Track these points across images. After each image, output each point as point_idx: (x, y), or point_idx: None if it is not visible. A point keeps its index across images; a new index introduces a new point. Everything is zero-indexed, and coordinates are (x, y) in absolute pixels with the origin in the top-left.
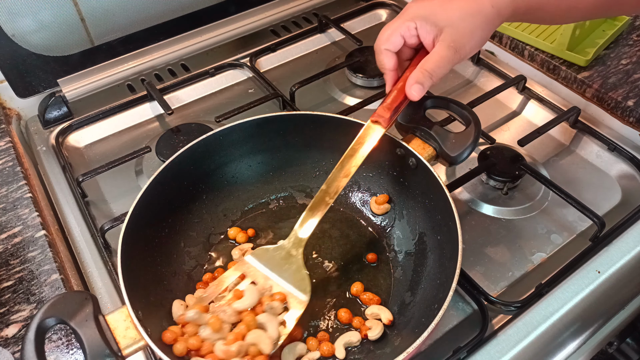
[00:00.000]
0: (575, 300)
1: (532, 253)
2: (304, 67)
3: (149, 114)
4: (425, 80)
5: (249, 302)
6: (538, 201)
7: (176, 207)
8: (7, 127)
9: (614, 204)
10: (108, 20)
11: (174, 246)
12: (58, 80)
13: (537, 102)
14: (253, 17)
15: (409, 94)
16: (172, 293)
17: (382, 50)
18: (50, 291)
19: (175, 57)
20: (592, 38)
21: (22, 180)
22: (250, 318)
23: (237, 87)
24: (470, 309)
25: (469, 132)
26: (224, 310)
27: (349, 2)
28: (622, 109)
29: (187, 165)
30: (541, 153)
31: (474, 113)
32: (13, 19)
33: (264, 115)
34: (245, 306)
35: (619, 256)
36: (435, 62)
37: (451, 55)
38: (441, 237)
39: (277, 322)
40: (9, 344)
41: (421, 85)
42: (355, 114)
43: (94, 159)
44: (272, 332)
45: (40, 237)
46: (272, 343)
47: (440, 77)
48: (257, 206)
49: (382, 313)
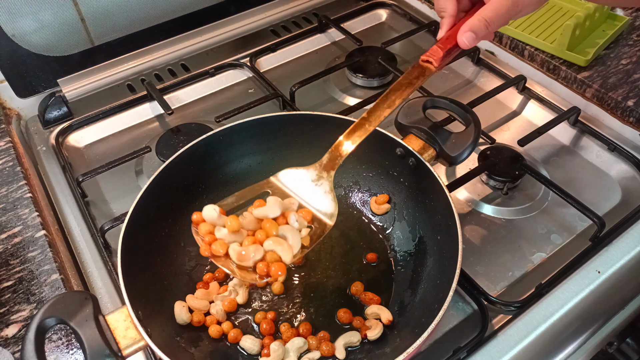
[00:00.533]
0: (575, 300)
1: (532, 253)
2: (304, 67)
3: (149, 114)
4: (480, 28)
5: (271, 211)
6: (538, 201)
7: (176, 207)
8: (7, 127)
9: (614, 204)
10: (108, 20)
11: (174, 246)
12: (58, 80)
13: (537, 102)
14: (253, 17)
15: (460, 41)
16: (173, 293)
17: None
18: (50, 291)
19: (175, 57)
20: (592, 38)
21: (22, 180)
22: (271, 226)
23: (237, 87)
24: (470, 309)
25: (469, 132)
26: (243, 216)
27: (349, 2)
28: (622, 109)
29: (187, 165)
30: (541, 153)
31: (474, 113)
32: (13, 19)
33: (264, 115)
34: (266, 214)
35: (619, 256)
36: (493, 10)
37: (510, 6)
38: (441, 237)
39: (299, 235)
40: (9, 344)
41: (474, 34)
42: (355, 114)
43: (94, 159)
44: (294, 243)
45: (40, 237)
46: (292, 253)
47: (496, 28)
48: None
49: (381, 313)
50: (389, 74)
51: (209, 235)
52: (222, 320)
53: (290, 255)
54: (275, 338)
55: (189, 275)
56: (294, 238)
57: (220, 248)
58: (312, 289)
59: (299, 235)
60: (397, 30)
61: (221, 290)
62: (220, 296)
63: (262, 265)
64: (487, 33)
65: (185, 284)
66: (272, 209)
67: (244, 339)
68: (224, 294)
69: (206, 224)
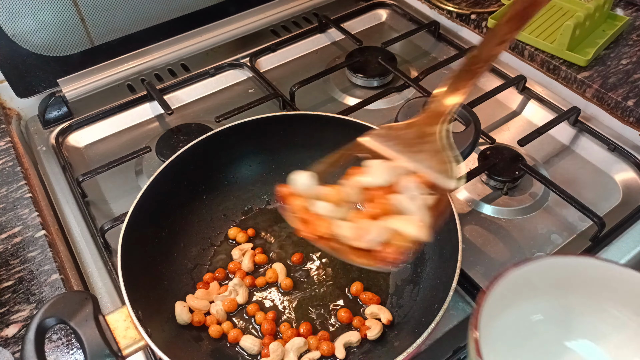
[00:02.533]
0: None
1: (532, 253)
2: (304, 67)
3: (149, 114)
4: None
5: (380, 178)
6: (538, 201)
7: (176, 207)
8: (7, 127)
9: (614, 204)
10: (108, 20)
11: (174, 246)
12: (58, 80)
13: (537, 102)
14: (253, 17)
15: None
16: (172, 293)
17: None
18: (50, 291)
19: (175, 57)
20: (592, 38)
21: (22, 180)
22: (386, 197)
23: (237, 87)
24: (470, 309)
25: (469, 132)
26: (342, 185)
27: (349, 2)
28: (622, 109)
29: (187, 165)
30: (541, 153)
31: (473, 113)
32: (13, 19)
33: (264, 115)
34: (375, 182)
35: (619, 256)
36: None
37: None
38: (441, 237)
39: (424, 205)
40: (9, 344)
41: None
42: (355, 114)
43: (94, 159)
44: (422, 216)
45: (40, 237)
46: (425, 230)
47: None
48: (257, 206)
49: (381, 313)
50: (389, 74)
51: (303, 212)
52: (222, 320)
53: (424, 232)
54: (275, 338)
55: (189, 275)
56: (420, 210)
57: (324, 227)
58: (312, 289)
59: (423, 205)
60: (397, 30)
61: (221, 290)
62: (220, 296)
63: (389, 247)
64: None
65: (185, 284)
66: (379, 175)
67: (243, 338)
68: (224, 294)
69: (300, 197)
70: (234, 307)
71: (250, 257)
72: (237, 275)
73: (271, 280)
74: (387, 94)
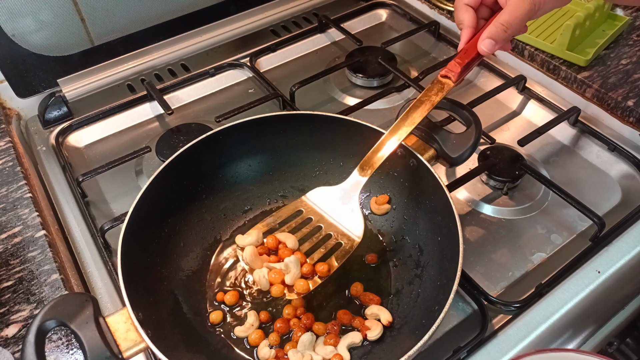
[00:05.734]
0: (575, 300)
1: (532, 253)
2: (304, 67)
3: (149, 114)
4: (499, 34)
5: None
6: (538, 201)
7: (176, 207)
8: (7, 127)
9: (614, 204)
10: (108, 20)
11: (174, 246)
12: (58, 80)
13: (537, 102)
14: (253, 17)
15: (480, 49)
16: (173, 293)
17: (461, 6)
18: (50, 291)
19: (175, 57)
20: (592, 38)
21: (22, 180)
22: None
23: (237, 87)
24: (470, 309)
25: (470, 133)
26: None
27: (349, 2)
28: (622, 109)
29: (187, 165)
30: (541, 153)
31: (474, 114)
32: (13, 19)
33: (264, 115)
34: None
35: (619, 256)
36: (509, 13)
37: (526, 7)
38: (441, 238)
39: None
40: (9, 344)
41: (493, 41)
42: (355, 114)
43: (94, 159)
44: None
45: (40, 237)
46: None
47: (515, 32)
48: (257, 206)
49: (381, 314)
50: (389, 74)
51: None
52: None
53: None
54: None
55: (189, 275)
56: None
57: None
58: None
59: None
60: (397, 30)
61: (272, 259)
62: (275, 265)
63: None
64: (506, 37)
65: (185, 284)
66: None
67: (261, 345)
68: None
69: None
70: (279, 279)
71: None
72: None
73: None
74: (387, 94)
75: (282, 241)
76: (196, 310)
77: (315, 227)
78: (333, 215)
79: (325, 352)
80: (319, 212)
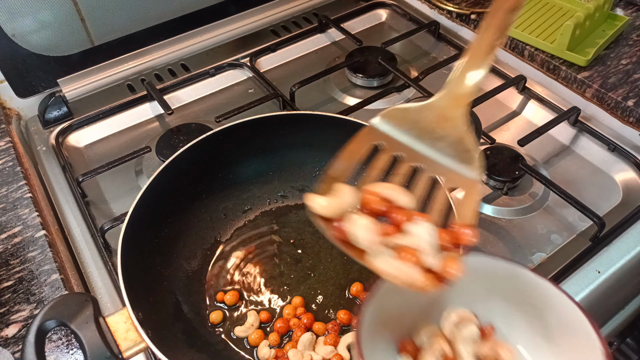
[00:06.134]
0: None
1: (532, 253)
2: (304, 67)
3: (149, 114)
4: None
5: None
6: (538, 201)
7: (176, 207)
8: (7, 127)
9: (614, 204)
10: (108, 20)
11: (174, 246)
12: (58, 80)
13: (537, 102)
14: (253, 17)
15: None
16: (173, 293)
17: None
18: (50, 291)
19: (175, 57)
20: (592, 38)
21: (22, 180)
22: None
23: (237, 87)
24: None
25: None
26: None
27: (349, 2)
28: (622, 109)
29: (187, 165)
30: (541, 153)
31: (473, 113)
32: (13, 19)
33: (264, 115)
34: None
35: (619, 256)
36: None
37: None
38: None
39: None
40: (9, 344)
41: None
42: (355, 114)
43: (94, 159)
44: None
45: (40, 237)
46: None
47: None
48: (257, 206)
49: None
50: (389, 74)
51: None
52: None
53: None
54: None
55: (189, 275)
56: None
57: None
58: (312, 290)
59: None
60: (397, 30)
61: (389, 230)
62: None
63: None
64: None
65: (185, 284)
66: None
67: (261, 345)
68: None
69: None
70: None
71: None
72: None
73: None
74: (387, 94)
75: (386, 198)
76: (196, 310)
77: (413, 170)
78: (430, 147)
79: (325, 352)
80: (406, 145)
